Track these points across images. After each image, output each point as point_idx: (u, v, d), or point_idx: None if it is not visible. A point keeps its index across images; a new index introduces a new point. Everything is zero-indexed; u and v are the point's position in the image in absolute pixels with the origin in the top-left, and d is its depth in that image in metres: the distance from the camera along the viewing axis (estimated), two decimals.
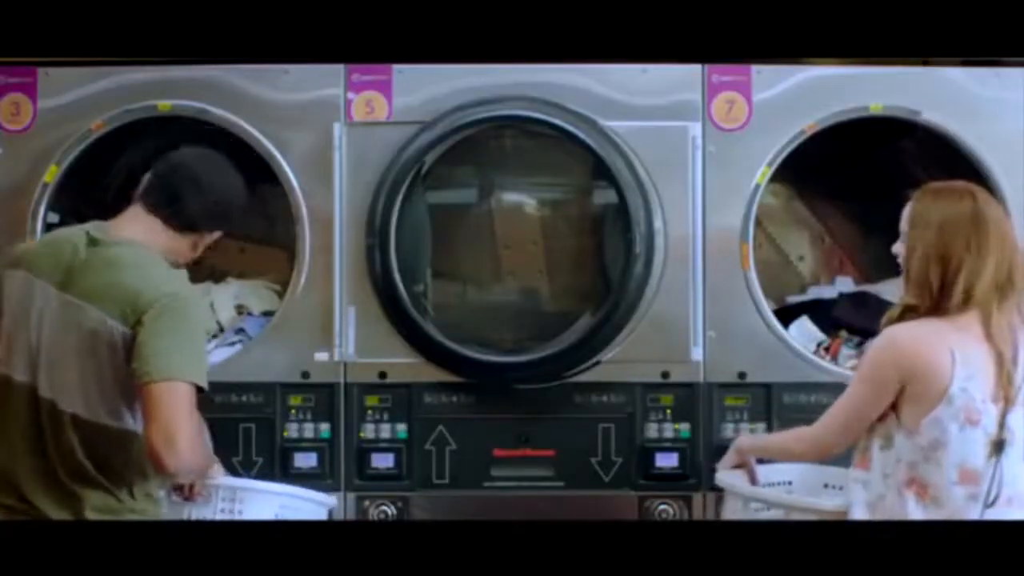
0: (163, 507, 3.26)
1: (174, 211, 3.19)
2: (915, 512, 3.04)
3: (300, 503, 3.54)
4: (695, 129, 3.87)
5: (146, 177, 3.26)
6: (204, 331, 3.36)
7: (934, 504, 3.04)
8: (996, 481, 3.03)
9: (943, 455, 3.02)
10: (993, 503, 3.03)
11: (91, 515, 3.05)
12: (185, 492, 3.35)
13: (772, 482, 3.54)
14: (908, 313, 3.10)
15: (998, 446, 3.03)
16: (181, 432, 2.95)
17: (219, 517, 3.36)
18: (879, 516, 3.09)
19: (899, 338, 3.07)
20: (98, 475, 3.06)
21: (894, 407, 3.07)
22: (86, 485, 3.06)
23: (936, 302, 3.07)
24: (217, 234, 3.30)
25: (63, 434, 3.05)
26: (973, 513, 3.03)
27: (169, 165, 3.25)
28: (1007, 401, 3.04)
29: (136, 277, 3.06)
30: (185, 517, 3.35)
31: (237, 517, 3.37)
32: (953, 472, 3.03)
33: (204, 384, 3.05)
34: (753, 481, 3.49)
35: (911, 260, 3.11)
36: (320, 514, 3.63)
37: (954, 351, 3.02)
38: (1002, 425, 3.03)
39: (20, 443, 3.08)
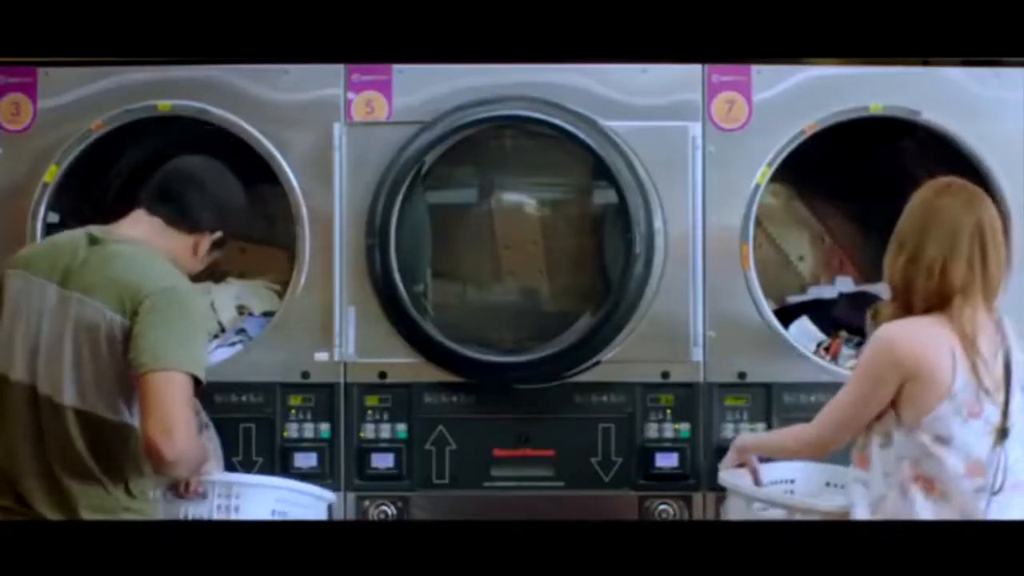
0: (159, 506, 3.27)
1: (175, 209, 3.25)
2: (923, 507, 3.04)
3: (297, 496, 3.56)
4: (695, 129, 3.88)
5: (146, 183, 3.32)
6: (203, 325, 3.38)
7: (942, 499, 3.05)
8: (1001, 468, 3.04)
9: (947, 450, 3.03)
10: (999, 491, 3.04)
11: (86, 514, 3.06)
12: (181, 490, 3.35)
13: (774, 481, 3.55)
14: (892, 310, 3.12)
15: (1002, 434, 3.04)
16: (178, 422, 2.96)
17: (216, 514, 3.37)
18: (881, 516, 3.09)
19: (898, 337, 3.07)
20: (97, 470, 3.07)
21: (893, 405, 3.08)
22: (83, 482, 3.07)
23: (907, 296, 3.09)
24: (217, 235, 3.32)
25: (63, 429, 3.06)
26: (980, 503, 3.04)
27: (170, 169, 3.33)
28: (1008, 390, 3.05)
29: (134, 269, 3.10)
30: (182, 515, 3.36)
31: (234, 513, 3.38)
32: (960, 465, 3.04)
33: (201, 375, 3.06)
34: (756, 481, 3.49)
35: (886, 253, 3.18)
36: (318, 507, 3.64)
37: (954, 348, 3.03)
38: (1005, 413, 3.05)
39: (20, 443, 3.09)
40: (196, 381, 3.05)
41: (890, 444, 3.09)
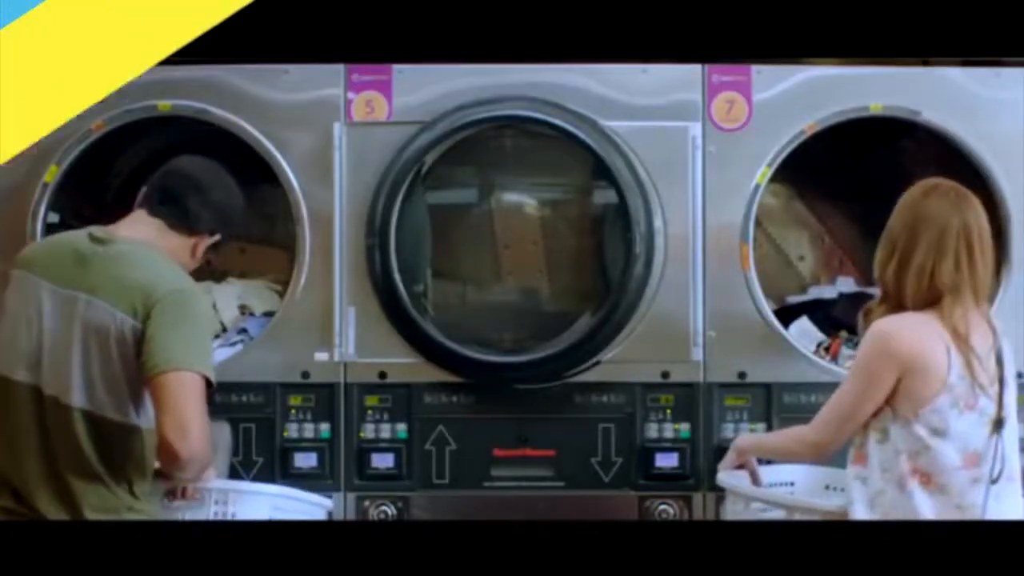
0: (159, 509, 3.27)
1: (177, 211, 3.26)
2: (921, 501, 3.06)
3: (293, 504, 3.55)
4: (695, 129, 3.88)
5: (147, 184, 3.33)
6: (209, 326, 3.39)
7: (939, 491, 3.06)
8: (999, 457, 3.07)
9: (944, 442, 3.05)
10: (997, 479, 3.07)
11: (90, 514, 3.06)
12: (178, 495, 3.35)
13: (774, 483, 3.55)
14: (883, 310, 3.14)
15: (998, 424, 3.07)
16: (192, 422, 2.97)
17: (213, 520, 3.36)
18: (880, 512, 3.10)
19: (893, 333, 3.09)
20: (102, 471, 3.07)
21: (889, 400, 3.09)
22: (88, 482, 3.07)
23: (898, 296, 3.12)
24: (216, 238, 3.33)
25: (70, 430, 3.06)
26: (977, 494, 3.06)
27: (171, 171, 3.33)
28: (1001, 381, 3.09)
29: (144, 272, 3.11)
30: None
31: (231, 519, 3.37)
32: (956, 457, 3.06)
33: (212, 377, 3.07)
34: (756, 482, 3.49)
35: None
36: (314, 514, 3.63)
37: (948, 343, 3.05)
38: (1000, 404, 3.08)
39: (24, 444, 3.08)
40: (207, 382, 3.06)
41: (887, 439, 3.10)
